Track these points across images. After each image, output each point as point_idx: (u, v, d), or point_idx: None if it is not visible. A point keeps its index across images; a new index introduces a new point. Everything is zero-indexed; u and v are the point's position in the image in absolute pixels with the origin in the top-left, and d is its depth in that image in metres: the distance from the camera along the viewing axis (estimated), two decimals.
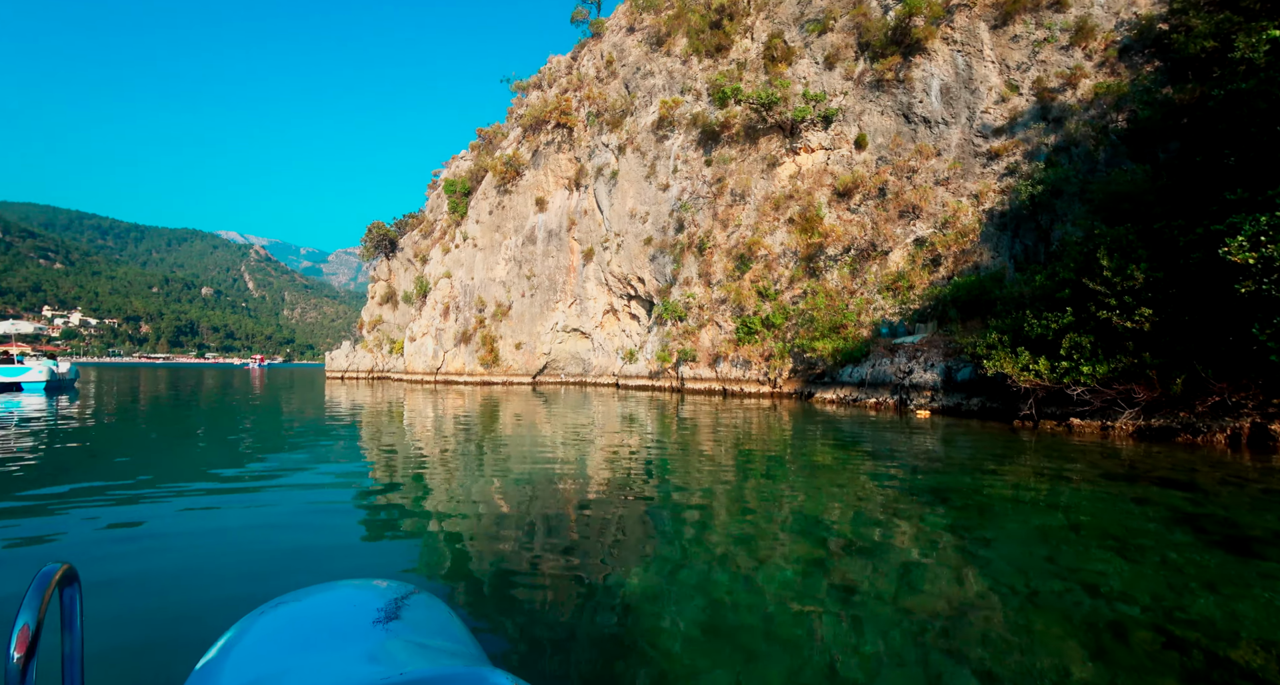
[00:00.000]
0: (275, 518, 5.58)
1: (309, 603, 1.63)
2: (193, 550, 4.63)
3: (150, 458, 8.83)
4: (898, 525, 5.37)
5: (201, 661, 1.42)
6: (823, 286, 23.65)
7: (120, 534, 5.00)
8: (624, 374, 33.68)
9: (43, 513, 5.54)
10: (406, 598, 1.69)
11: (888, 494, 6.53)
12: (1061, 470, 7.83)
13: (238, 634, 1.48)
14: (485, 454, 9.35)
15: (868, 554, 4.59)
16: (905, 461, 8.51)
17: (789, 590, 3.94)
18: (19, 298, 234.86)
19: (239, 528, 5.20)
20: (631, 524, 5.44)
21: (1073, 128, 20.04)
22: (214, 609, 3.56)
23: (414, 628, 1.52)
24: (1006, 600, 3.78)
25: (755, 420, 14.53)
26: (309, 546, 4.77)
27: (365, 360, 49.80)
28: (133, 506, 5.79)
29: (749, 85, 29.41)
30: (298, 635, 1.45)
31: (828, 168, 26.74)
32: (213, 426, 13.07)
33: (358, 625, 1.48)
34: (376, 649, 1.36)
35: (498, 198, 41.67)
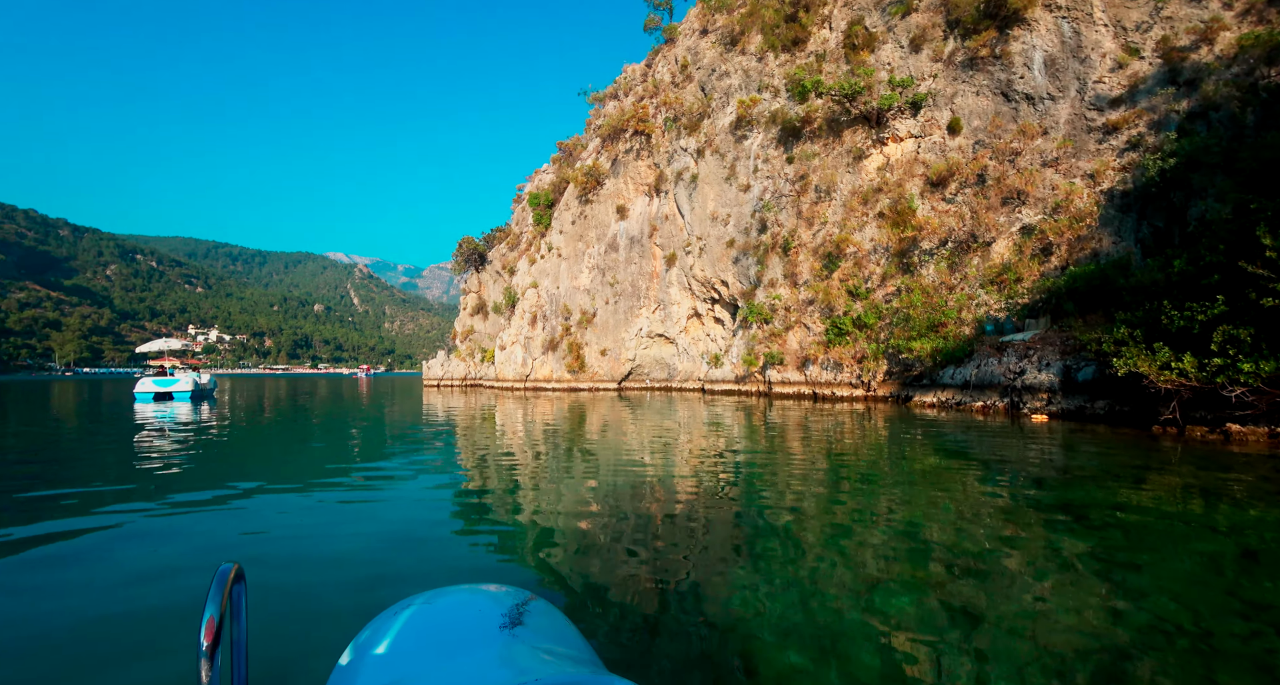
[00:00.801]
0: (383, 518, 5.86)
1: (436, 607, 1.68)
2: (316, 547, 4.92)
3: (276, 459, 9.56)
4: (1026, 546, 4.78)
5: (341, 662, 1.51)
6: (918, 283, 22.27)
7: (251, 530, 5.37)
8: (709, 379, 33.29)
9: (193, 507, 6.05)
10: (526, 604, 1.72)
11: (1009, 509, 5.90)
12: (1224, 486, 6.81)
13: (372, 636, 1.55)
14: (576, 460, 9.36)
15: (993, 579, 4.08)
16: (1026, 472, 7.71)
17: (904, 617, 3.56)
18: (170, 318, 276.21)
19: (351, 531, 5.44)
20: (725, 536, 5.18)
21: (1210, 90, 17.75)
22: (339, 604, 3.79)
23: (537, 634, 1.55)
24: (1173, 641, 3.21)
25: (849, 425, 13.82)
26: (416, 550, 4.91)
27: (459, 369, 52.22)
28: (259, 505, 6.23)
29: (829, 77, 28.33)
30: (429, 639, 1.51)
31: (919, 156, 25.22)
32: (327, 431, 14.11)
33: (485, 630, 1.52)
34: (505, 654, 1.39)
35: (579, 208, 42.54)
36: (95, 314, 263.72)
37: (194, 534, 5.37)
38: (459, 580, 2.48)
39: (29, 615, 3.68)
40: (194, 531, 5.46)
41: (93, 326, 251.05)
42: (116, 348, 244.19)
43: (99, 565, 4.57)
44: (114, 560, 4.68)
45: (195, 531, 5.46)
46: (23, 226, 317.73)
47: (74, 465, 9.03)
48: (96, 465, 9.04)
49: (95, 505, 6.42)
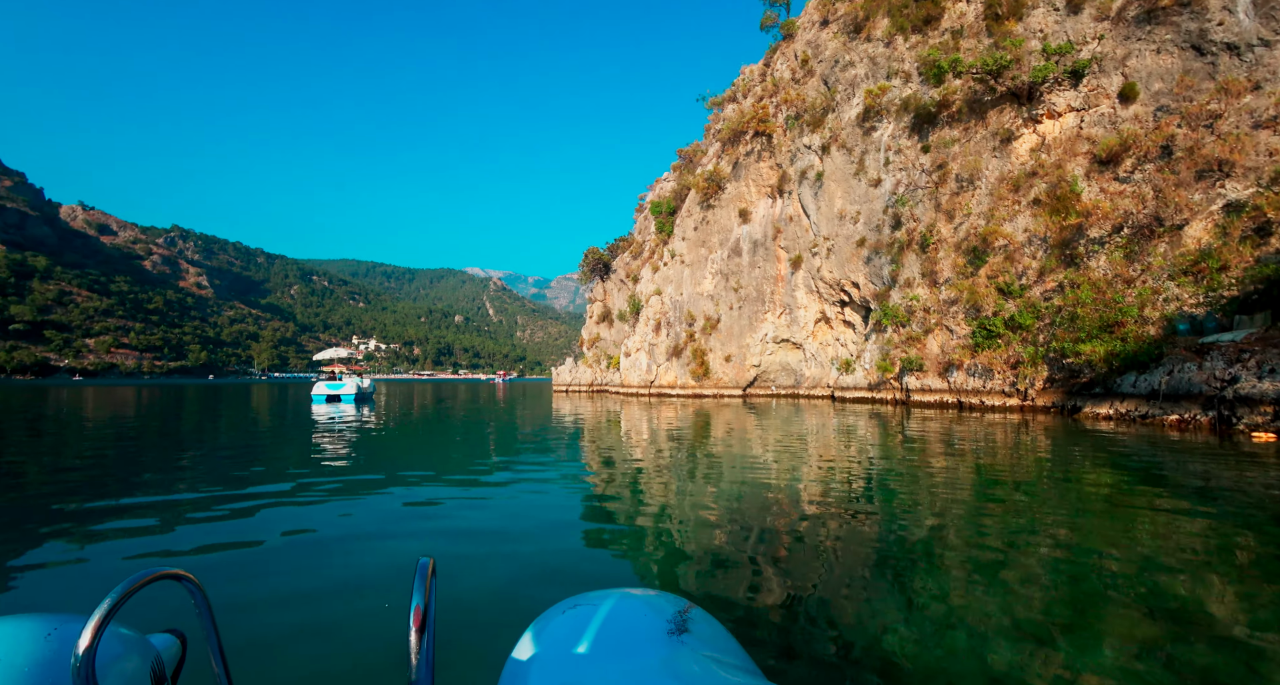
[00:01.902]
0: (517, 517, 6.11)
1: (600, 609, 1.69)
2: (464, 541, 5.19)
3: (425, 454, 10.30)
4: (1275, 602, 3.80)
5: (510, 660, 1.55)
6: (1086, 276, 19.51)
7: (416, 520, 5.80)
8: (839, 385, 31.62)
9: (357, 492, 6.67)
10: (688, 611, 1.72)
11: (1244, 553, 4.77)
12: None
13: (540, 635, 1.59)
14: (700, 467, 9.13)
15: (1233, 646, 3.23)
16: (1261, 507, 6.32)
17: (1106, 672, 2.96)
18: (338, 330, 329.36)
19: (489, 528, 5.70)
20: (860, 558, 4.65)
21: None
22: (491, 599, 4.00)
23: (702, 642, 1.55)
24: None
25: (1005, 439, 12.35)
26: (552, 550, 5.06)
27: (586, 375, 54.15)
28: (402, 496, 6.70)
29: (969, 54, 25.83)
30: (596, 640, 1.53)
31: (1082, 132, 22.17)
32: (468, 430, 15.12)
33: (652, 635, 1.52)
34: (673, 660, 1.40)
35: (701, 213, 42.46)
36: (283, 327, 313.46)
37: (366, 520, 5.88)
38: (605, 585, 2.49)
39: None
40: (365, 515, 5.99)
41: (281, 338, 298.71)
42: (299, 356, 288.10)
43: None
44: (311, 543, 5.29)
45: (365, 515, 5.99)
46: (232, 256, 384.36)
47: (267, 456, 10.39)
48: (284, 456, 10.34)
49: (276, 493, 7.29)
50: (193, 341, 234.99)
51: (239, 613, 3.72)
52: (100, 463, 10.21)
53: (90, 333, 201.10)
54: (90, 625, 0.94)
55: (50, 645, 1.14)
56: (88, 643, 0.93)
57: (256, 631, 3.50)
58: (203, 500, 7.11)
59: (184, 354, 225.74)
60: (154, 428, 16.59)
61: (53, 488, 7.83)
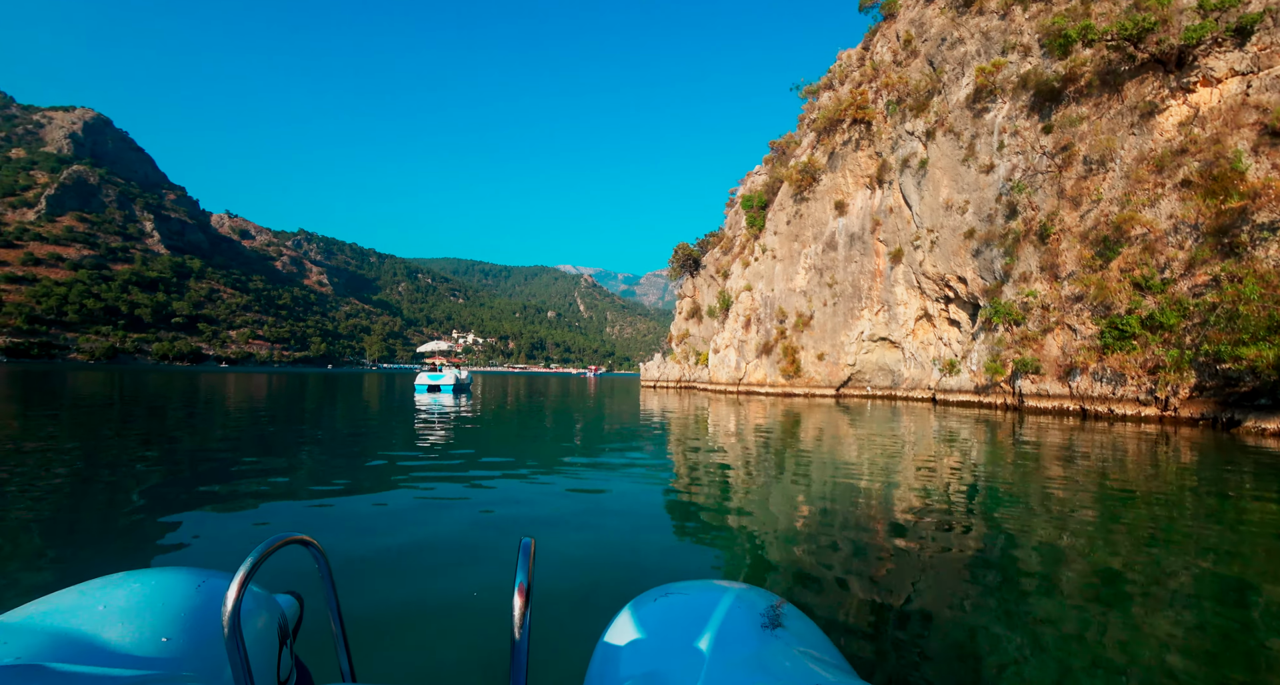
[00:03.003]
0: (604, 509, 6.26)
1: (694, 599, 1.70)
2: (549, 529, 5.40)
3: (518, 445, 10.48)
4: None
5: (601, 644, 1.57)
6: (1250, 269, 16.83)
7: (484, 507, 5.76)
8: (942, 387, 29.47)
9: (457, 477, 6.84)
10: (780, 606, 1.71)
11: None
12: None
13: (630, 621, 1.60)
14: (788, 471, 8.65)
15: None
16: None
17: None
18: (439, 324, 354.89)
19: (576, 514, 5.93)
20: (975, 577, 4.07)
21: None
22: (571, 584, 4.07)
23: (796, 637, 1.54)
24: None
25: (1139, 452, 10.84)
26: (639, 542, 5.14)
27: (674, 371, 53.99)
28: (490, 484, 6.77)
29: (1102, 19, 23.11)
30: (689, 630, 1.52)
31: (1248, 99, 19.17)
32: (559, 423, 15.40)
33: (744, 629, 1.51)
34: (766, 654, 1.40)
35: (794, 206, 41.07)
36: (391, 322, 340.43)
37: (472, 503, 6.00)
38: (688, 576, 2.51)
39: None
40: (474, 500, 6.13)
41: (389, 332, 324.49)
42: (404, 348, 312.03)
43: None
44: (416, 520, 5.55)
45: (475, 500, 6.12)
46: (349, 256, 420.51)
47: (374, 441, 10.98)
48: (390, 441, 10.90)
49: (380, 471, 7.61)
50: (314, 334, 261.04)
51: (355, 579, 4.02)
52: (239, 443, 11.23)
53: (233, 325, 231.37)
54: (236, 580, 1.03)
55: (201, 595, 1.28)
56: (235, 595, 1.02)
57: (367, 596, 3.73)
58: (321, 478, 7.61)
59: (307, 345, 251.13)
60: (282, 413, 18.22)
61: (205, 462, 8.67)
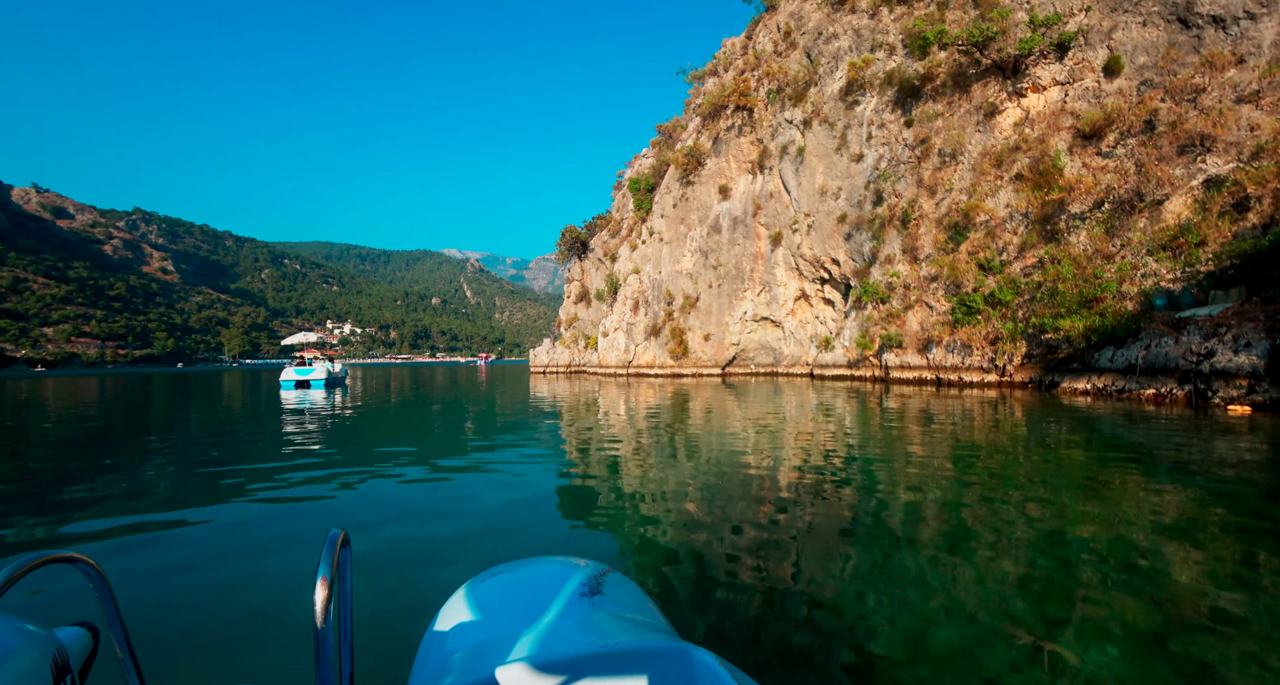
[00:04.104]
0: (480, 495, 6.11)
1: (521, 574, 1.78)
2: (419, 522, 5.19)
3: (390, 439, 9.84)
4: (1277, 584, 3.53)
5: (434, 623, 1.61)
6: (1066, 252, 19.35)
7: (367, 503, 5.54)
8: (819, 363, 31.50)
9: (309, 481, 6.18)
10: (605, 575, 1.79)
11: (1238, 532, 4.50)
12: None
13: (461, 600, 1.66)
14: (675, 446, 8.82)
15: (1242, 638, 2.93)
16: (1247, 481, 6.07)
17: (1110, 670, 2.64)
18: (311, 314, 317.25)
19: (444, 507, 5.70)
20: (835, 537, 4.32)
21: None
22: (435, 572, 4.04)
23: (615, 603, 1.62)
24: None
25: (983, 415, 12.15)
26: (516, 526, 5.07)
27: (563, 356, 53.50)
28: (365, 483, 6.24)
29: (955, 25, 25.33)
30: (513, 604, 1.60)
31: (1066, 106, 21.90)
32: (445, 414, 14.63)
33: (567, 597, 1.59)
34: (586, 619, 1.47)
35: (680, 190, 41.73)
36: (254, 312, 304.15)
37: (320, 509, 5.40)
38: (544, 553, 2.59)
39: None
40: (317, 505, 5.53)
41: (252, 323, 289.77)
42: (270, 341, 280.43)
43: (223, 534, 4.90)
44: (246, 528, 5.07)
45: (318, 505, 5.53)
46: (199, 239, 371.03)
47: (230, 444, 9.76)
48: (245, 443, 9.72)
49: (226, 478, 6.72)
50: (159, 329, 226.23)
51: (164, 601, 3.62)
52: (61, 455, 9.51)
53: (48, 321, 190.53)
54: None
55: None
56: None
57: (175, 617, 3.41)
58: (153, 491, 6.58)
59: (149, 342, 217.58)
60: (116, 419, 15.85)
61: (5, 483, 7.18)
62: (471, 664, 1.32)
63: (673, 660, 1.27)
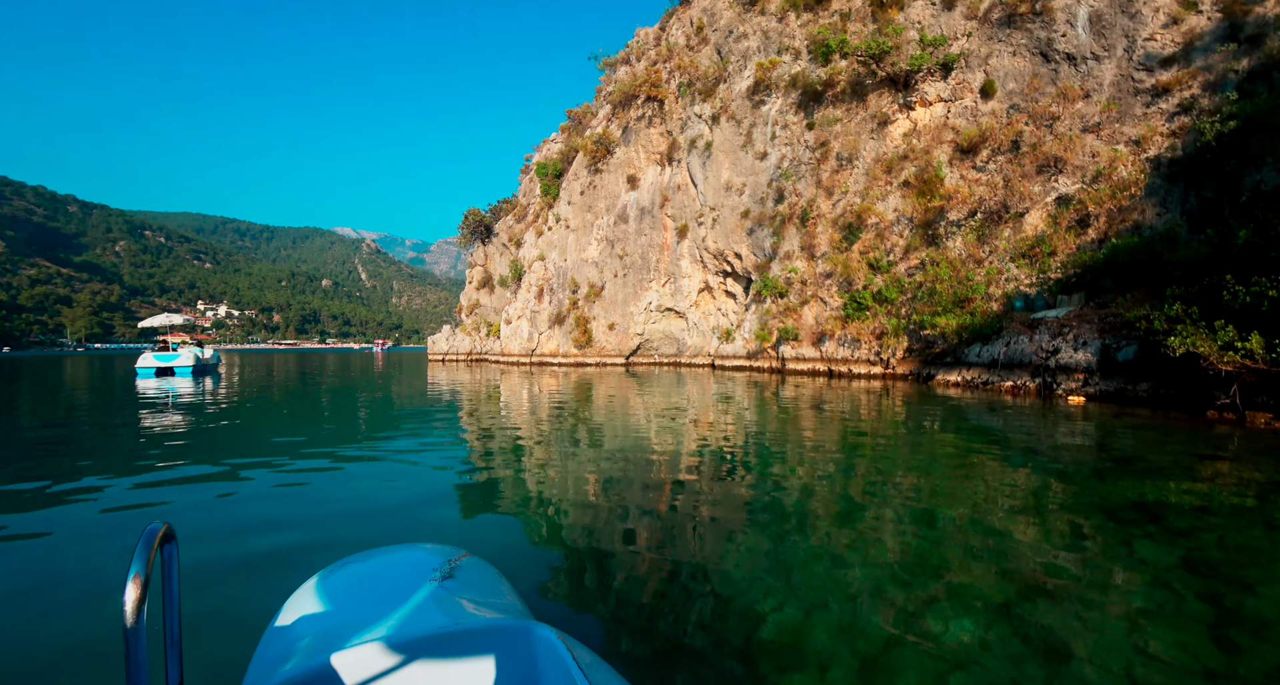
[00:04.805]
0: (366, 488, 5.77)
1: (373, 562, 1.78)
2: (287, 515, 4.83)
3: (272, 431, 9.03)
4: (1103, 557, 3.99)
5: (277, 616, 1.59)
6: (944, 256, 21.12)
7: (215, 498, 5.08)
8: (720, 354, 32.45)
9: (159, 483, 5.47)
10: (459, 560, 1.82)
11: (1073, 508, 5.07)
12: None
13: (311, 588, 1.64)
14: (576, 435, 8.70)
15: (1074, 601, 3.29)
16: (1079, 461, 6.88)
17: (966, 641, 2.85)
18: (179, 294, 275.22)
19: (327, 499, 5.36)
20: (733, 519, 4.43)
21: (1275, 46, 16.30)
22: (297, 567, 3.76)
23: (467, 586, 1.65)
24: None
25: (867, 404, 12.99)
26: (404, 520, 4.77)
27: (464, 343, 51.70)
28: (230, 476, 5.67)
29: (855, 37, 26.74)
30: (364, 590, 1.61)
31: (948, 122, 23.81)
32: (334, 404, 13.67)
33: (414, 583, 1.60)
34: (435, 603, 1.50)
35: (589, 177, 41.30)
36: (105, 290, 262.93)
37: (127, 503, 4.73)
38: (411, 541, 2.63)
39: None
40: (135, 500, 4.85)
41: (103, 302, 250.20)
42: (127, 323, 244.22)
43: None
44: None
45: (136, 500, 4.85)
46: (31, 203, 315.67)
47: (70, 438, 8.46)
48: (81, 439, 8.47)
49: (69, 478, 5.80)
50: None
51: None
52: None
53: None
54: None
55: None
56: None
57: None
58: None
59: None
60: None
61: None
62: (315, 650, 1.33)
63: (514, 637, 1.34)
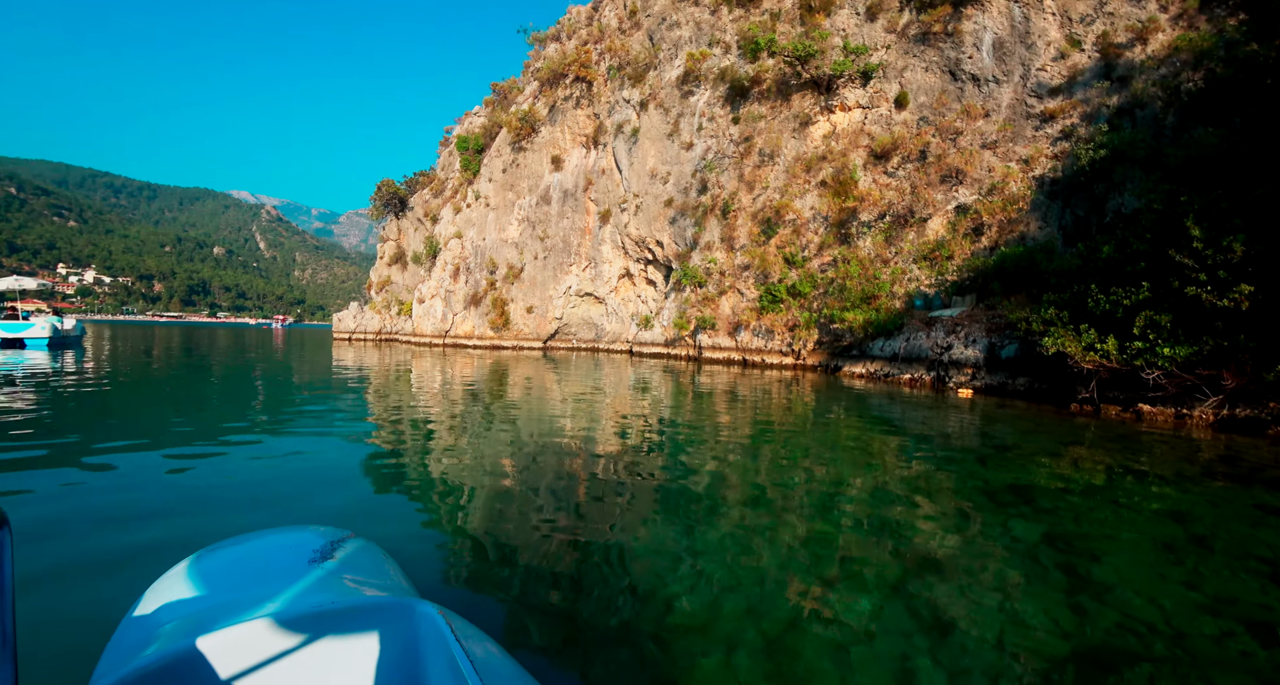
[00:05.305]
0: (256, 473, 5.34)
1: (250, 546, 1.73)
2: (160, 502, 4.42)
3: (145, 414, 8.16)
4: (983, 536, 4.37)
5: (141, 599, 1.53)
6: (855, 254, 22.27)
7: (64, 486, 4.53)
8: (638, 341, 32.70)
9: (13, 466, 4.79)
10: (342, 541, 1.77)
11: (959, 491, 5.52)
12: (1155, 466, 6.77)
13: (179, 573, 1.60)
14: (489, 419, 8.50)
15: (957, 577, 3.61)
16: (965, 449, 7.48)
17: (863, 618, 3.04)
18: (34, 255, 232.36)
19: (215, 484, 4.96)
20: (645, 505, 4.52)
21: (1140, 88, 18.25)
22: (169, 559, 3.38)
23: (347, 567, 1.63)
24: (1149, 644, 2.85)
25: (778, 393, 13.54)
26: (284, 503, 4.49)
27: (373, 322, 49.13)
28: (97, 460, 5.07)
29: (783, 37, 27.44)
30: (237, 573, 1.58)
31: (865, 128, 25.01)
32: (225, 383, 12.47)
33: (292, 565, 1.58)
34: (312, 584, 1.47)
35: (512, 155, 40.14)
36: None
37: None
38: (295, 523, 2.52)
39: None
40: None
41: None
42: None
43: None
44: None
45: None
46: None
47: None
48: None
49: None
50: None
51: None
52: None
53: None
54: None
55: None
56: None
57: None
58: None
59: None
60: None
61: None
62: (179, 634, 1.27)
63: (394, 614, 1.31)
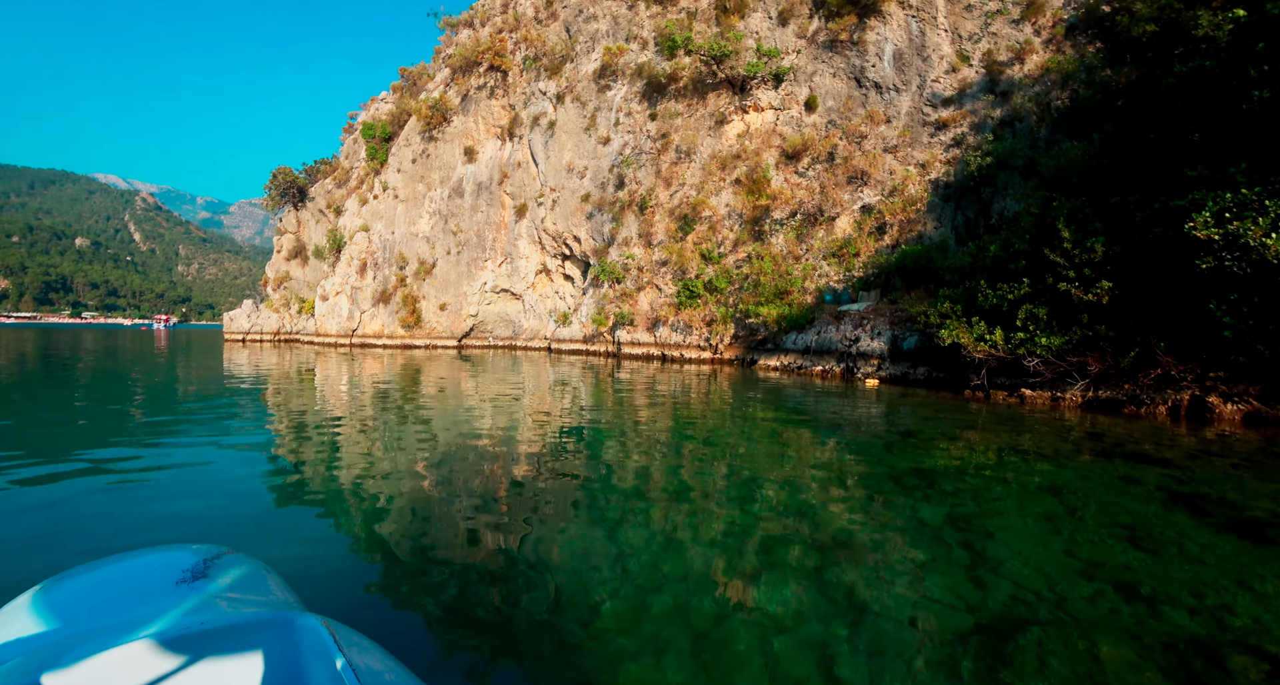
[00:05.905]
0: (129, 493, 4.79)
1: (109, 570, 1.62)
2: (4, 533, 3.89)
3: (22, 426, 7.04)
4: (892, 519, 4.61)
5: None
6: (768, 251, 23.01)
7: None
8: (557, 338, 32.29)
9: None
10: (217, 558, 1.70)
11: (869, 477, 5.79)
12: (1036, 445, 7.40)
13: (20, 606, 1.48)
14: (401, 422, 8.07)
15: (870, 560, 3.78)
16: (874, 436, 7.86)
17: (785, 608, 3.11)
18: None
19: (78, 509, 4.41)
20: (567, 505, 4.46)
21: (1019, 102, 19.99)
22: None
23: (222, 585, 1.54)
24: (1035, 611, 3.12)
25: (697, 387, 13.75)
26: (162, 526, 4.05)
27: (271, 321, 45.59)
28: None
29: (700, 36, 27.86)
30: (93, 600, 1.45)
31: (777, 128, 25.87)
32: (92, 392, 11.04)
33: (157, 587, 1.48)
34: (176, 607, 1.37)
35: (422, 145, 38.44)
36: None
37: None
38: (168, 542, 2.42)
39: None
40: None
41: None
42: None
43: None
44: None
45: None
46: None
47: None
48: None
49: None
50: None
51: None
52: None
53: None
54: None
55: None
56: None
57: None
58: None
59: None
60: None
61: None
62: (16, 676, 1.15)
63: (274, 630, 1.24)
